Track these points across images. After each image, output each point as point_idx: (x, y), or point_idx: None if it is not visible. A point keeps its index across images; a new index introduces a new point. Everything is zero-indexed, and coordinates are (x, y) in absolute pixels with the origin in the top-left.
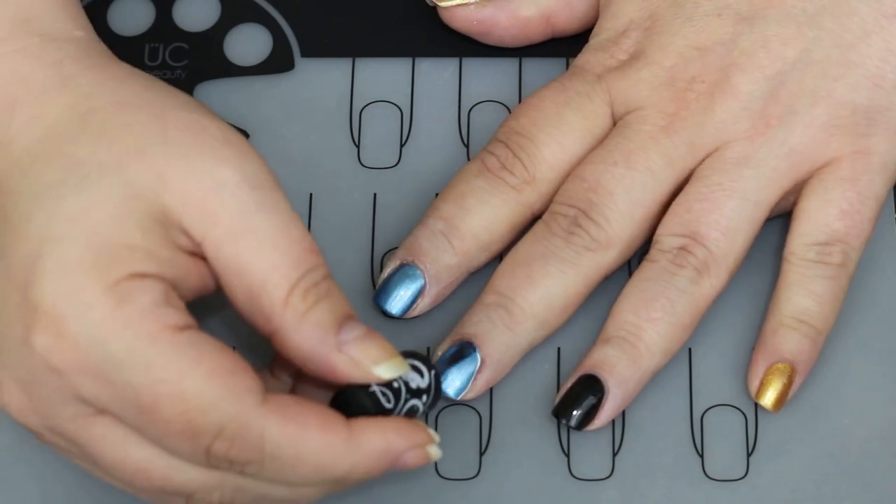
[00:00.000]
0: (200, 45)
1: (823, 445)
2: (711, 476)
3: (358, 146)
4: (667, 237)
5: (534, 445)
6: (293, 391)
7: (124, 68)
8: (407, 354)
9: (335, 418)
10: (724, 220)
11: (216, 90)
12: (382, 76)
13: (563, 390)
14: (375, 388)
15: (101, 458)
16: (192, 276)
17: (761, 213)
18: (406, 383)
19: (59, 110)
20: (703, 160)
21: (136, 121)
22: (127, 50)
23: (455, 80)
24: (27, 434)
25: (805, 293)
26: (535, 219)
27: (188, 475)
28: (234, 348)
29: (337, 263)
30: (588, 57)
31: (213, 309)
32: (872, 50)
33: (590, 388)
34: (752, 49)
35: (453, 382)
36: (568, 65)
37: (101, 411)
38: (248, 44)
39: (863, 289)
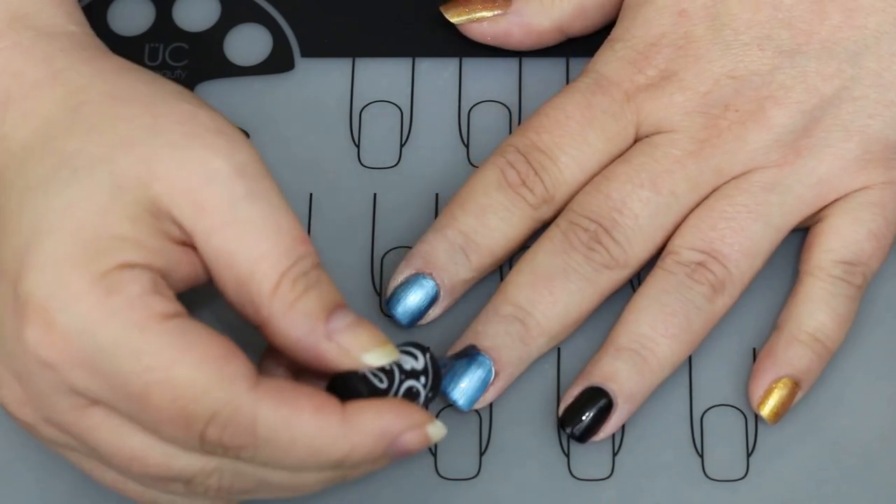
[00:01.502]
0: (200, 45)
1: (823, 446)
2: (711, 476)
3: (358, 146)
4: (686, 250)
5: (534, 445)
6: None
7: (116, 61)
8: (400, 344)
9: (329, 401)
10: (746, 241)
11: (216, 90)
12: (382, 76)
13: (568, 398)
14: (367, 371)
15: (97, 448)
16: (183, 266)
17: (781, 237)
18: (399, 365)
19: (51, 104)
20: (729, 181)
21: (126, 113)
22: (127, 50)
23: (455, 80)
24: (26, 434)
25: (827, 310)
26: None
27: (185, 461)
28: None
29: (337, 263)
30: (614, 66)
31: (206, 299)
32: None
33: (597, 401)
34: (790, 83)
35: (465, 393)
36: (568, 65)
37: (95, 402)
38: (248, 44)
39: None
